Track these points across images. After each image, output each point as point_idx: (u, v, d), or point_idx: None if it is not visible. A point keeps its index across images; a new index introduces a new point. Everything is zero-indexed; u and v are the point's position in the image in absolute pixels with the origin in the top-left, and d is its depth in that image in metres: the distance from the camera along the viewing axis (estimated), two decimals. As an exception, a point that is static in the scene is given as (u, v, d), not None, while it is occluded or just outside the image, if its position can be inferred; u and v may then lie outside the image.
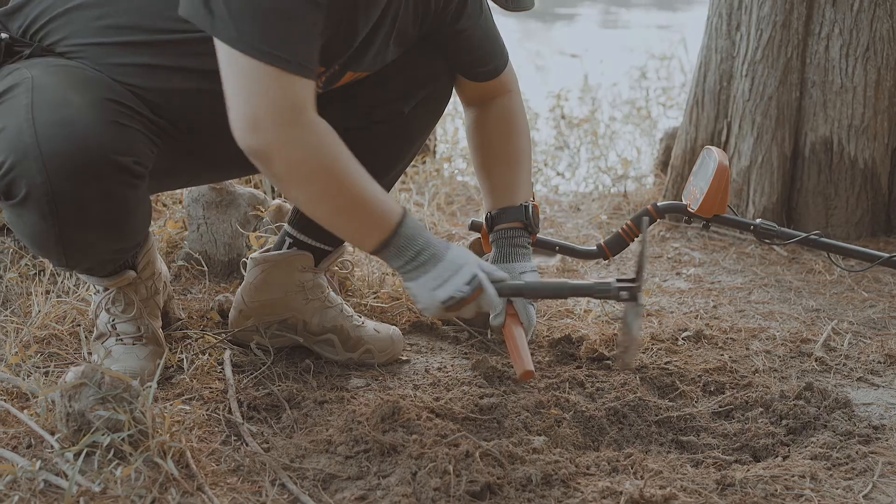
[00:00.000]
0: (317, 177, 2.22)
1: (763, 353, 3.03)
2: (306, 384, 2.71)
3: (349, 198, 2.25)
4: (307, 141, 2.19)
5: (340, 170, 2.23)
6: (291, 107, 2.16)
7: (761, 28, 4.14)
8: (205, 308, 3.08)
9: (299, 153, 2.18)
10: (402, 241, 2.30)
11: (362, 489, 2.17)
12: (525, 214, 2.75)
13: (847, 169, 4.13)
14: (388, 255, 2.32)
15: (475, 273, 2.33)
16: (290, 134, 2.17)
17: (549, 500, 2.16)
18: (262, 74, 2.14)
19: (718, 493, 2.21)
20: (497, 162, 2.82)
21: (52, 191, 2.24)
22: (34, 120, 2.25)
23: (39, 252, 2.43)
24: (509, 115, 2.82)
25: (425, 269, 2.32)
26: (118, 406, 2.16)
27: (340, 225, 2.33)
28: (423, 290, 2.33)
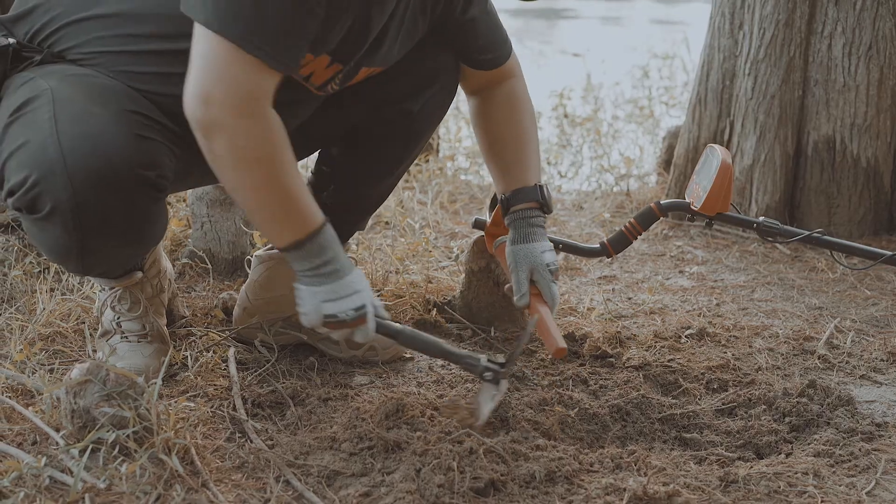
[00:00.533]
0: (253, 166, 2.20)
1: (766, 350, 3.03)
2: (310, 381, 2.71)
3: (278, 193, 2.24)
4: (255, 130, 2.18)
5: (278, 165, 2.22)
6: (249, 94, 2.16)
7: (764, 27, 4.14)
8: (209, 306, 3.08)
9: (243, 140, 2.17)
10: (314, 247, 2.30)
11: (366, 486, 2.17)
12: (540, 194, 2.74)
13: (850, 167, 4.13)
14: (296, 257, 2.31)
15: (365, 303, 2.34)
16: (240, 119, 2.16)
17: (552, 497, 2.16)
18: (229, 54, 2.13)
19: (722, 489, 2.21)
20: (505, 144, 2.80)
21: (77, 206, 2.24)
22: (59, 134, 2.23)
23: (57, 261, 2.43)
24: (514, 98, 2.81)
25: (323, 280, 2.32)
26: (123, 403, 2.17)
27: (262, 217, 2.31)
28: (312, 298, 2.33)
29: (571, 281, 3.72)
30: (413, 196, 4.53)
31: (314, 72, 2.45)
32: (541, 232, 2.73)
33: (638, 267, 3.92)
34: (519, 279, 2.68)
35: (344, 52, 2.42)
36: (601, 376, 2.78)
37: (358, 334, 2.36)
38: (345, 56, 2.44)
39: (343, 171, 2.82)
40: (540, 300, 2.67)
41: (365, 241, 3.62)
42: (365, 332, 2.36)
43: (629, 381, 2.73)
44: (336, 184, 2.82)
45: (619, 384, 2.72)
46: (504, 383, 2.44)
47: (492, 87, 2.80)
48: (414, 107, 2.73)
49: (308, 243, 2.28)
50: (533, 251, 2.69)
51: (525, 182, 2.75)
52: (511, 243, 2.73)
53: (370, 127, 2.74)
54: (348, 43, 2.40)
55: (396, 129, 2.76)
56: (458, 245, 3.92)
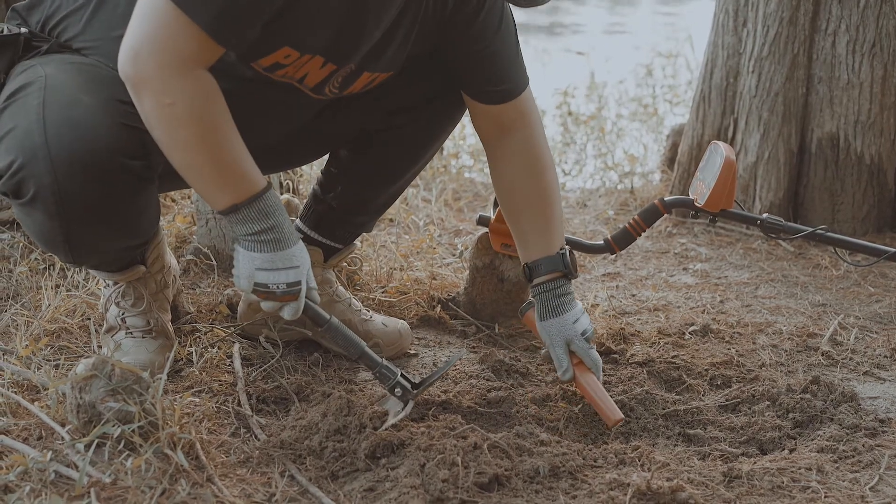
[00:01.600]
0: (182, 124, 2.18)
1: (770, 347, 3.04)
2: (315, 377, 2.72)
3: (211, 154, 2.22)
4: (183, 88, 2.16)
5: (208, 124, 2.21)
6: (180, 53, 2.15)
7: (768, 24, 4.14)
8: (214, 302, 3.08)
9: (170, 97, 2.16)
10: (254, 211, 2.27)
11: (371, 481, 2.18)
12: (563, 263, 2.67)
13: (853, 165, 4.14)
14: (235, 220, 2.28)
15: (300, 280, 2.33)
16: (168, 76, 2.15)
17: (556, 492, 2.17)
18: (169, 16, 2.13)
19: (725, 485, 2.22)
20: (526, 207, 2.71)
21: (59, 191, 2.25)
22: (44, 120, 2.25)
23: (48, 249, 2.43)
24: (532, 152, 2.70)
25: (263, 248, 2.30)
26: (128, 398, 2.17)
27: (195, 178, 2.28)
28: (247, 263, 2.31)
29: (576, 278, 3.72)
30: (417, 193, 4.53)
31: (308, 73, 2.44)
32: (568, 300, 2.66)
33: (642, 264, 3.93)
34: (558, 355, 2.62)
35: (337, 53, 2.42)
36: (605, 372, 2.78)
37: (286, 310, 2.34)
38: (338, 57, 2.43)
39: (351, 173, 2.82)
40: (584, 369, 2.61)
41: (369, 238, 3.62)
42: (293, 310, 2.34)
43: (633, 378, 2.73)
44: (343, 185, 2.82)
45: (622, 380, 2.72)
46: (410, 405, 2.42)
47: (504, 134, 2.69)
48: (425, 115, 2.73)
49: (246, 207, 2.26)
50: (565, 323, 2.63)
51: (547, 251, 2.68)
52: (540, 318, 2.66)
53: (381, 132, 2.74)
54: (342, 44, 2.40)
55: (406, 136, 2.75)
56: (463, 242, 3.92)
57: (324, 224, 2.85)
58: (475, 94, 2.66)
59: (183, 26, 2.13)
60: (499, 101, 2.66)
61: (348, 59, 2.45)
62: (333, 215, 2.85)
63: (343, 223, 2.87)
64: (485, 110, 2.68)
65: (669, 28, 12.32)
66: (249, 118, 2.34)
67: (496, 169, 2.74)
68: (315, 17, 2.30)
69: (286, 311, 2.34)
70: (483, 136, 2.74)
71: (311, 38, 2.35)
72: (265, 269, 2.30)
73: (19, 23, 2.49)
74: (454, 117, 2.79)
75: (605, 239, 3.18)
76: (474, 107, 2.69)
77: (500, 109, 2.67)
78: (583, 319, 2.65)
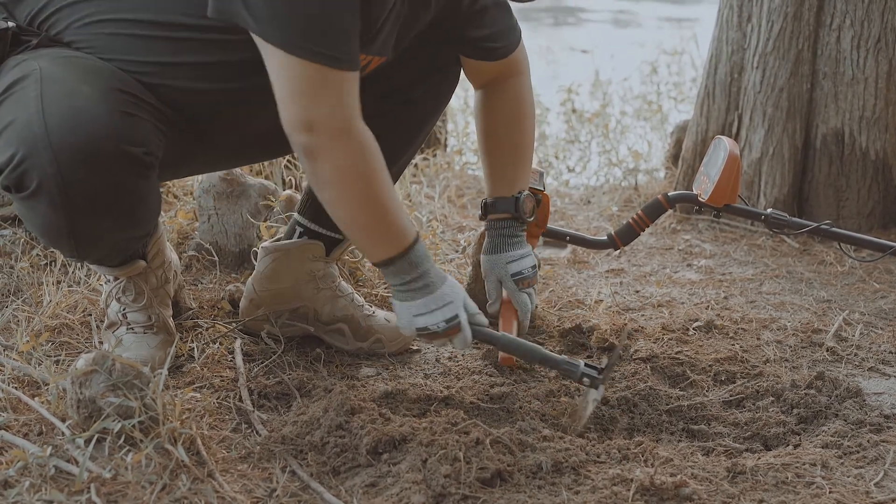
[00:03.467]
0: (354, 184, 2.28)
1: (774, 343, 3.02)
2: (317, 373, 2.71)
3: (376, 209, 2.33)
4: (355, 148, 2.26)
5: (376, 180, 2.31)
6: (345, 109, 2.24)
7: (772, 19, 4.13)
8: (215, 298, 3.08)
9: (346, 159, 2.25)
10: (406, 264, 2.38)
11: (373, 476, 2.17)
12: (515, 206, 2.82)
13: (858, 160, 4.12)
14: (389, 272, 2.40)
15: (457, 314, 2.43)
16: (342, 138, 2.24)
17: (559, 488, 2.16)
18: (315, 75, 2.19)
19: (729, 480, 2.21)
20: (500, 150, 2.87)
21: (63, 182, 2.24)
22: (44, 111, 2.24)
23: (51, 243, 2.43)
24: (518, 100, 2.85)
25: (416, 295, 2.41)
26: (129, 393, 2.17)
27: (358, 232, 2.39)
28: (405, 312, 2.43)
29: (579, 274, 3.71)
30: (420, 190, 4.52)
31: None
32: (513, 242, 2.81)
33: (646, 260, 3.91)
34: (487, 288, 2.81)
35: None
36: (609, 368, 2.77)
37: (456, 342, 2.45)
38: None
39: None
40: (509, 308, 2.83)
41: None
42: (462, 340, 2.45)
43: (637, 373, 2.73)
44: None
45: (626, 376, 2.72)
46: (601, 389, 2.47)
47: (499, 81, 2.83)
48: (414, 97, 2.75)
49: (401, 260, 2.37)
50: (499, 261, 2.79)
51: (507, 191, 2.84)
52: (483, 252, 2.85)
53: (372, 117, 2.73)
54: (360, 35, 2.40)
55: (398, 119, 2.77)
56: (466, 238, 3.91)
57: (324, 214, 2.83)
58: (475, 52, 2.78)
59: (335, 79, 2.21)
60: (500, 58, 2.79)
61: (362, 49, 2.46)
62: None
63: None
64: (483, 66, 2.81)
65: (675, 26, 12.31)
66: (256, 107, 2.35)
67: (483, 110, 2.89)
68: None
69: (456, 343, 2.46)
70: (477, 84, 2.89)
71: None
72: (422, 314, 2.41)
73: (6, 17, 2.48)
74: (446, 96, 2.86)
75: (609, 234, 3.17)
76: (474, 63, 2.81)
77: (500, 64, 2.80)
78: (523, 262, 2.82)
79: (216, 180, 3.37)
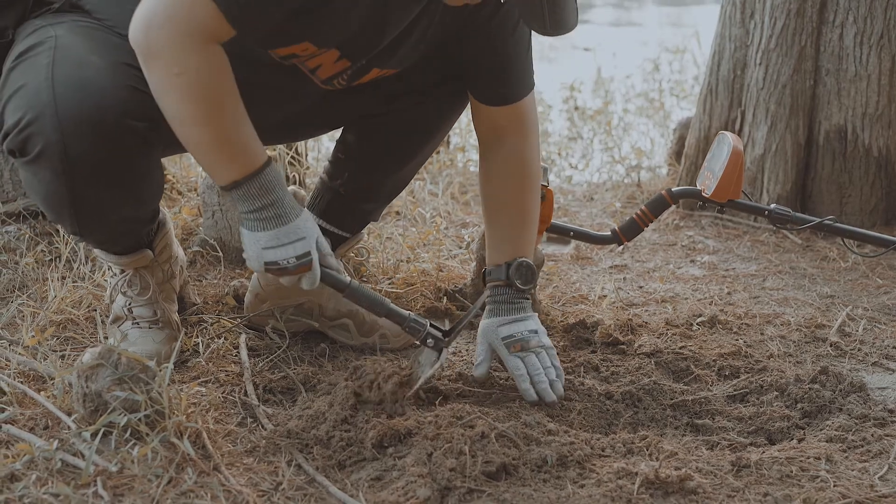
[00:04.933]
0: (189, 97, 2.19)
1: (778, 338, 3.03)
2: (321, 367, 2.72)
3: (215, 128, 2.23)
4: (192, 60, 2.16)
5: (214, 99, 2.21)
6: (193, 29, 2.15)
7: (775, 16, 4.13)
8: (220, 293, 3.08)
9: (179, 68, 2.16)
10: (254, 188, 2.28)
11: (378, 470, 2.17)
12: (506, 273, 2.67)
13: (861, 157, 4.12)
14: (237, 196, 2.29)
15: (309, 249, 2.33)
16: (178, 47, 2.15)
17: (564, 481, 2.16)
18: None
19: (734, 474, 2.21)
20: (500, 215, 2.73)
21: (65, 149, 2.26)
22: (53, 79, 2.26)
23: (53, 214, 2.43)
24: (521, 163, 2.71)
25: (266, 224, 2.31)
26: (135, 386, 2.17)
27: (200, 152, 2.28)
28: (254, 244, 2.33)
29: (583, 270, 3.72)
30: (424, 187, 4.53)
31: (321, 64, 2.45)
32: (506, 308, 2.66)
33: (649, 256, 3.92)
34: (477, 351, 2.66)
35: (355, 50, 2.42)
36: (612, 363, 2.77)
37: (304, 281, 2.35)
38: (355, 54, 2.44)
39: (358, 159, 2.82)
40: None
41: (376, 230, 3.61)
42: (311, 280, 2.35)
43: (641, 368, 2.73)
44: (350, 171, 2.82)
45: (630, 371, 2.72)
46: (445, 353, 2.44)
47: (499, 137, 2.70)
48: (429, 100, 2.72)
49: (247, 183, 2.27)
50: (491, 325, 2.65)
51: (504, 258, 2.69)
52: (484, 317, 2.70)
53: (384, 116, 2.74)
54: (360, 42, 2.40)
55: (410, 120, 2.75)
56: (469, 233, 3.91)
57: (332, 212, 2.85)
58: (476, 92, 2.67)
59: (205, 7, 2.14)
60: (497, 103, 2.66)
61: (363, 56, 2.46)
62: (341, 202, 2.85)
63: (351, 211, 2.87)
64: (483, 110, 2.68)
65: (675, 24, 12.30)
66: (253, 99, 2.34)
67: (484, 170, 2.74)
68: (343, 16, 2.30)
69: (304, 281, 2.35)
70: (479, 135, 2.74)
71: (333, 36, 2.36)
72: (272, 247, 2.31)
73: None
74: (459, 105, 2.78)
75: (613, 230, 3.17)
76: (475, 105, 2.69)
77: (498, 112, 2.67)
78: (516, 326, 2.64)
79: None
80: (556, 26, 2.22)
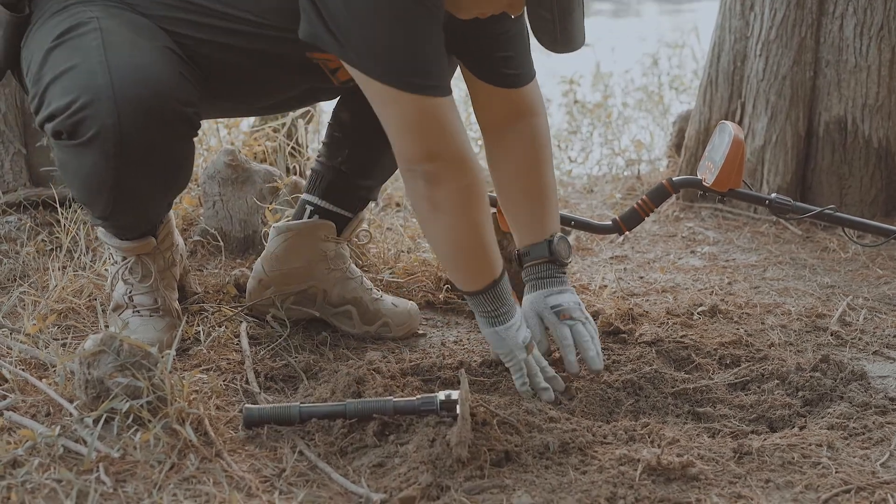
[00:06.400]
0: (473, 206, 2.36)
1: (778, 327, 3.03)
2: (323, 355, 2.72)
3: (482, 235, 2.39)
4: (476, 172, 2.33)
5: (486, 207, 2.37)
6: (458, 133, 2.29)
7: (775, 7, 4.13)
8: (221, 283, 3.08)
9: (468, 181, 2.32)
10: (500, 290, 2.45)
11: (380, 456, 2.17)
12: (549, 249, 2.70)
13: (861, 148, 4.12)
14: (485, 299, 2.46)
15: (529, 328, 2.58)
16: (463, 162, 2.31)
17: (566, 468, 2.16)
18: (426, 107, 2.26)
19: (735, 461, 2.21)
20: (523, 196, 2.74)
21: (121, 133, 2.27)
22: (108, 62, 2.27)
23: (88, 196, 2.44)
24: (537, 142, 2.73)
25: (509, 316, 2.49)
26: (137, 373, 2.17)
27: (461, 259, 2.45)
28: (508, 331, 2.49)
29: (583, 260, 3.72)
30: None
31: (341, 67, 2.45)
32: (551, 282, 2.70)
33: (649, 247, 3.92)
34: (531, 328, 2.65)
35: None
36: (614, 352, 2.77)
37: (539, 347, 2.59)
38: None
39: (355, 135, 2.82)
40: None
41: (377, 220, 3.62)
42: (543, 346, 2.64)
43: (642, 357, 2.72)
44: (350, 148, 2.82)
45: (631, 359, 2.71)
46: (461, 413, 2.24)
47: (513, 120, 2.71)
48: None
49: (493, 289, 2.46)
50: (538, 297, 2.69)
51: (539, 236, 2.72)
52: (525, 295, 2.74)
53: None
54: None
55: None
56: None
57: (333, 191, 2.84)
58: (491, 75, 2.67)
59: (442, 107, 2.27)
60: (514, 85, 2.68)
61: None
62: (342, 180, 2.84)
63: (352, 188, 2.86)
64: (498, 94, 2.69)
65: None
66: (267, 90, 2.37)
67: (497, 157, 2.75)
68: None
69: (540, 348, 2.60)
70: (489, 123, 2.74)
71: None
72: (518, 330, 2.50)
73: None
74: None
75: (614, 219, 3.17)
76: (486, 92, 2.69)
77: (515, 94, 2.69)
78: (563, 297, 2.68)
79: (221, 166, 3.37)
80: (565, 43, 2.36)
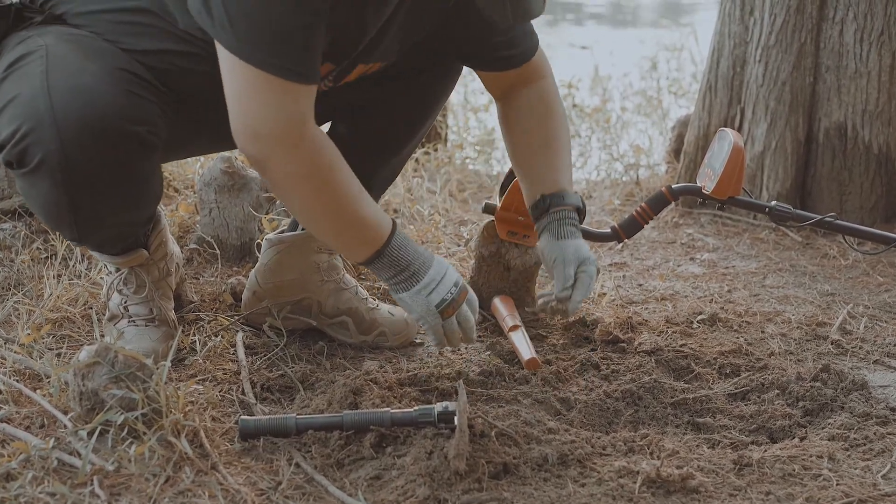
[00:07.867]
0: (312, 191, 2.27)
1: (779, 336, 3.01)
2: (319, 365, 2.70)
3: (342, 213, 2.30)
4: (304, 156, 2.23)
5: (335, 185, 2.28)
6: (291, 119, 2.19)
7: (775, 13, 4.12)
8: (217, 291, 3.06)
9: (295, 167, 2.23)
10: (392, 254, 2.36)
11: (377, 469, 2.16)
12: (581, 201, 2.72)
13: (861, 154, 4.11)
14: (379, 267, 2.38)
15: (458, 277, 2.44)
16: (288, 148, 2.21)
17: (565, 480, 2.14)
18: (264, 84, 2.15)
19: (735, 472, 2.20)
20: (539, 149, 2.72)
21: (65, 158, 2.23)
22: (49, 87, 2.24)
23: (51, 223, 2.42)
24: (546, 99, 2.73)
25: (416, 278, 2.39)
26: (132, 385, 2.15)
27: (332, 238, 2.40)
28: (416, 297, 2.40)
29: (581, 268, 3.70)
30: (422, 184, 4.51)
31: None
32: (569, 230, 2.68)
33: (648, 254, 3.90)
34: (566, 273, 2.63)
35: (337, 52, 2.40)
36: (613, 361, 2.76)
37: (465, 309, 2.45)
38: (337, 56, 2.43)
39: (352, 149, 2.78)
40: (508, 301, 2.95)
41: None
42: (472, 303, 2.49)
43: (641, 366, 2.71)
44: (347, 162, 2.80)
45: (630, 369, 2.70)
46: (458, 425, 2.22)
47: (520, 87, 2.72)
48: (415, 86, 2.72)
49: (385, 252, 2.37)
50: (580, 246, 2.66)
51: (562, 188, 2.69)
52: (555, 238, 2.68)
53: (374, 106, 2.72)
54: (342, 44, 2.38)
55: (400, 108, 2.75)
56: (468, 230, 3.90)
57: None
58: (489, 63, 2.68)
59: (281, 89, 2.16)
60: (517, 65, 2.68)
61: (347, 57, 2.44)
62: None
63: None
64: (496, 77, 2.71)
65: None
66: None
67: (510, 117, 2.76)
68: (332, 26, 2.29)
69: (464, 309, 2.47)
70: (494, 94, 2.77)
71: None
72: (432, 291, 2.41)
73: None
74: (447, 87, 2.81)
75: (612, 227, 3.14)
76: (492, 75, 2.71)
77: (517, 71, 2.69)
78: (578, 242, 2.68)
79: (217, 173, 3.35)
80: (519, 14, 2.23)
